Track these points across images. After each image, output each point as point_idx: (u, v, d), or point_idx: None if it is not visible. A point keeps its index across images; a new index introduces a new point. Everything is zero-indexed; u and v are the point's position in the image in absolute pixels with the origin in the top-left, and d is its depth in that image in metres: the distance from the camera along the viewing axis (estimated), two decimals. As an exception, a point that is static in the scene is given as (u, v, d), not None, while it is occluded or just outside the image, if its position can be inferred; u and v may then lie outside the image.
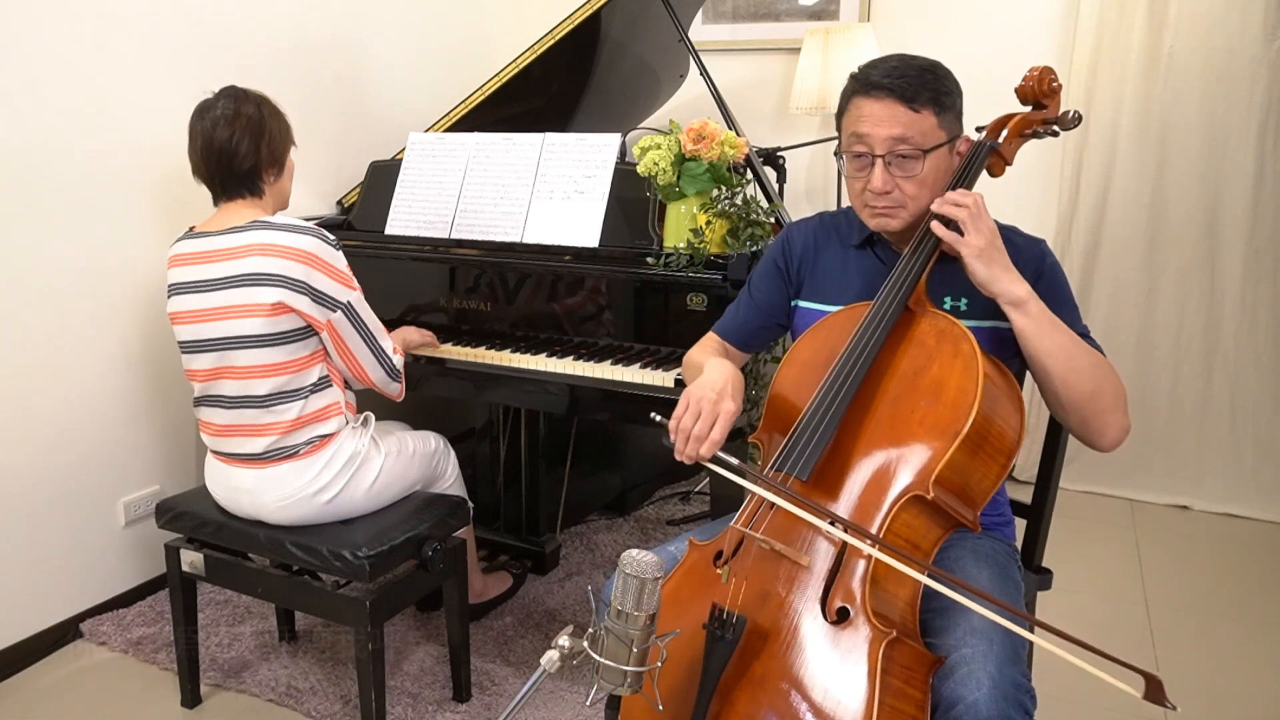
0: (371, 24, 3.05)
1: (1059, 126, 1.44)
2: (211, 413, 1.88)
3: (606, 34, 2.64)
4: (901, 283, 1.30)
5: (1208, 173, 3.00)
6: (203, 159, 1.86)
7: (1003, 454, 1.23)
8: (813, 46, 3.19)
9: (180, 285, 1.85)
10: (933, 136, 1.32)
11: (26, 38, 2.09)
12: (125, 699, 2.10)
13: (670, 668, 1.17)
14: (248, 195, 1.87)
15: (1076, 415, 1.29)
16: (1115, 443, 1.31)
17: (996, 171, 1.42)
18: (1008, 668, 1.13)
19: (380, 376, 1.91)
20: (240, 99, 1.86)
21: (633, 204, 2.17)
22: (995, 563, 1.35)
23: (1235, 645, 2.34)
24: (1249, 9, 2.87)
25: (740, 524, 1.25)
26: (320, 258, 1.79)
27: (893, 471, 1.20)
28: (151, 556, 2.46)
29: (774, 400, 1.37)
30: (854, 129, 1.35)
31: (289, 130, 1.95)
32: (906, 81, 1.31)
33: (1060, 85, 1.42)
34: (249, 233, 1.80)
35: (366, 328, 1.86)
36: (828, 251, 1.53)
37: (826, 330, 1.37)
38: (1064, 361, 1.25)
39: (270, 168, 1.89)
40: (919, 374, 1.24)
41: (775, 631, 1.15)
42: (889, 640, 1.09)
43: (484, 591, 2.38)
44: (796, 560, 1.18)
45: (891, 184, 1.33)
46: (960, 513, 1.21)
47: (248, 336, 1.78)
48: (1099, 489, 3.24)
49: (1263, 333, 3.04)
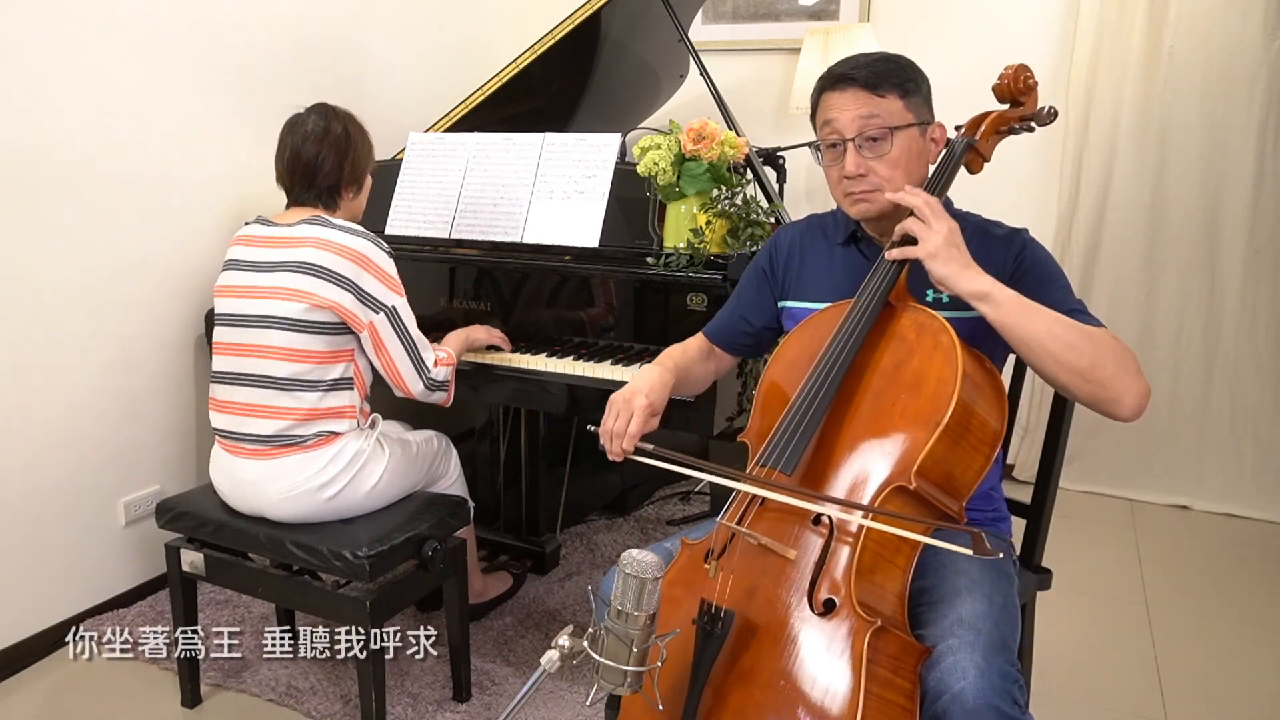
0: (371, 24, 3.05)
1: (1035, 122, 1.46)
2: (228, 390, 1.90)
3: (606, 34, 2.64)
4: (882, 279, 1.32)
5: (1208, 173, 3.00)
6: (287, 170, 1.93)
7: (985, 444, 1.24)
8: (813, 47, 3.19)
9: (235, 261, 1.92)
10: (899, 116, 1.37)
11: (26, 38, 2.08)
12: (125, 699, 2.10)
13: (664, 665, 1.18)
14: (323, 208, 1.93)
15: (1083, 390, 1.25)
16: (1136, 409, 1.24)
17: (975, 168, 1.44)
18: (994, 657, 1.13)
19: (419, 389, 1.92)
20: (330, 116, 1.93)
21: (633, 204, 2.17)
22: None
23: (1235, 645, 2.34)
24: (1249, 9, 2.87)
25: (728, 520, 1.27)
26: (371, 260, 1.84)
27: (875, 464, 1.22)
28: (151, 556, 2.46)
29: (761, 399, 1.40)
30: (824, 118, 1.40)
31: (372, 151, 2.01)
32: (870, 71, 1.37)
33: (1036, 82, 1.44)
34: (309, 226, 1.86)
35: (409, 335, 1.89)
36: (814, 251, 1.55)
37: (811, 328, 1.39)
38: (1049, 341, 1.23)
39: (350, 185, 1.96)
40: (900, 367, 1.26)
41: (764, 625, 1.16)
42: (874, 630, 1.10)
43: (484, 591, 2.38)
44: (783, 554, 1.20)
45: (864, 166, 1.37)
46: (944, 503, 1.22)
47: (283, 318, 1.82)
48: (1099, 489, 3.24)
49: (1263, 333, 3.03)
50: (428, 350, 1.93)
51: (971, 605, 1.20)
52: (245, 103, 2.59)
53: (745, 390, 1.98)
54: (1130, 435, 3.15)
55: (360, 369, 1.92)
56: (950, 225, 1.27)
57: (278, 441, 1.84)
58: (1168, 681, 2.16)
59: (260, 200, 2.06)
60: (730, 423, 1.95)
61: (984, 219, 1.46)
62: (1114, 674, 2.19)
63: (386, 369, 1.89)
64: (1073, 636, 2.31)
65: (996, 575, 1.31)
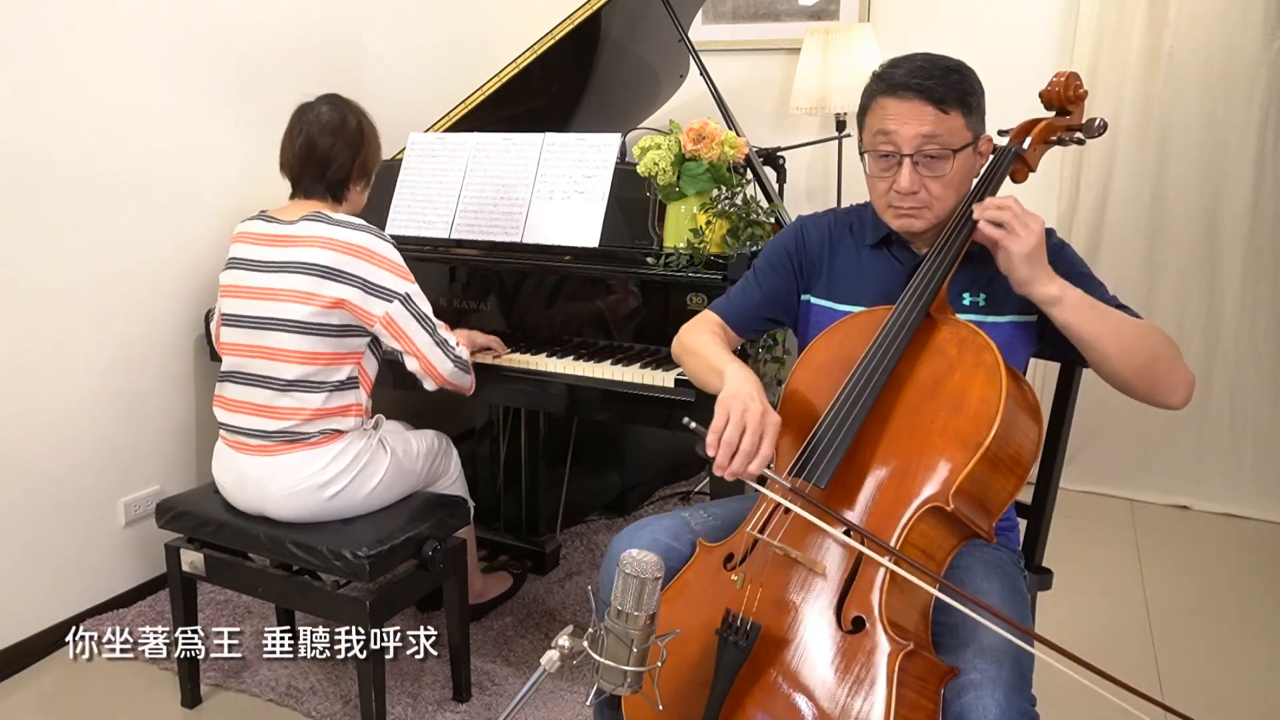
0: (371, 24, 3.05)
1: (1084, 134, 1.41)
2: (235, 389, 1.90)
3: (606, 34, 2.64)
4: (924, 289, 1.28)
5: (1208, 173, 3.00)
6: (299, 158, 1.90)
7: (1021, 466, 1.22)
8: (813, 47, 3.18)
9: (238, 260, 1.90)
10: (960, 136, 1.31)
11: (27, 38, 2.08)
12: (125, 699, 2.10)
13: (679, 670, 1.17)
14: (329, 200, 1.92)
15: (1143, 383, 1.28)
16: (1187, 398, 1.29)
17: (1020, 178, 1.40)
18: (1014, 696, 1.12)
19: (449, 369, 1.90)
20: (345, 108, 1.92)
21: (633, 204, 2.17)
22: (1004, 574, 1.33)
23: (1235, 645, 2.34)
24: (1249, 9, 2.86)
25: (754, 528, 1.23)
26: (374, 251, 1.82)
27: (912, 482, 1.18)
28: (151, 556, 2.46)
29: (788, 403, 1.34)
30: (880, 127, 1.33)
31: (380, 148, 2.01)
32: (934, 82, 1.29)
33: (1086, 92, 1.39)
34: (309, 223, 1.84)
35: (429, 320, 1.88)
36: (842, 250, 1.49)
37: (843, 334, 1.35)
38: (1116, 341, 1.24)
39: (359, 180, 1.95)
40: (940, 383, 1.23)
41: (788, 639, 1.14)
42: (906, 652, 1.08)
43: (484, 591, 2.38)
44: (811, 568, 1.17)
45: (919, 184, 1.32)
46: (977, 523, 1.19)
47: (292, 321, 1.81)
48: (1099, 489, 3.24)
49: (1263, 333, 3.03)
50: (448, 332, 1.92)
51: (993, 635, 1.16)
52: (245, 103, 2.59)
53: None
54: (1130, 435, 3.15)
55: (366, 370, 1.92)
56: (1041, 227, 1.25)
57: (282, 438, 1.85)
58: (1168, 681, 2.16)
59: (261, 200, 2.06)
60: (730, 423, 1.94)
61: None
62: (1114, 673, 2.19)
63: (413, 355, 1.87)
64: (1073, 636, 2.29)
65: (1015, 598, 1.30)
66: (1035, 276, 1.24)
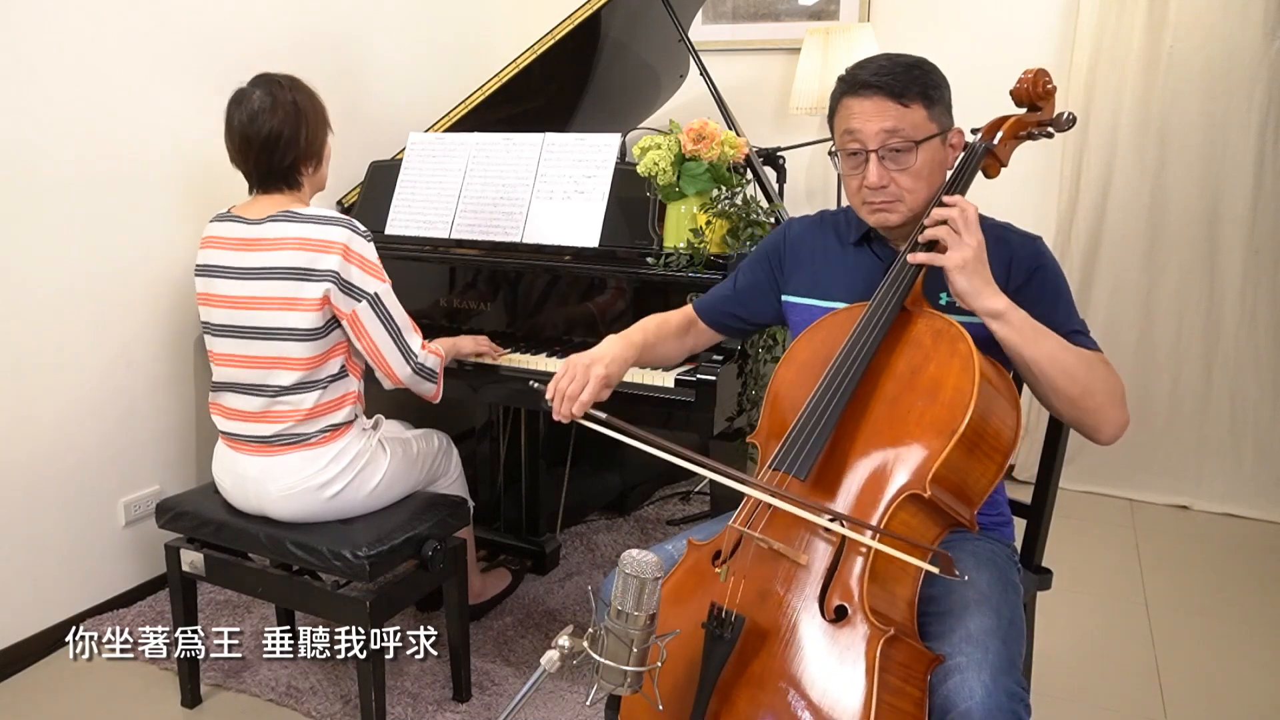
0: (371, 23, 3.04)
1: (1054, 128, 1.44)
2: (230, 397, 1.89)
3: (606, 34, 2.64)
4: (899, 282, 1.30)
5: (1208, 173, 3.00)
6: (239, 152, 1.86)
7: (999, 453, 1.23)
8: (813, 47, 3.19)
9: (212, 268, 1.86)
10: (923, 129, 1.34)
11: (27, 38, 2.08)
12: (125, 699, 2.10)
13: (669, 667, 1.17)
14: (285, 189, 1.87)
15: (1069, 414, 1.32)
16: (1112, 437, 1.33)
17: (992, 173, 1.43)
18: (1001, 677, 1.13)
19: (406, 373, 1.89)
20: (275, 87, 1.83)
21: (633, 204, 2.17)
22: (994, 565, 1.35)
23: (1235, 645, 2.34)
24: (1249, 9, 2.87)
25: (738, 523, 1.26)
26: (352, 249, 1.80)
27: (890, 470, 1.21)
28: (151, 556, 2.46)
29: (772, 400, 1.38)
30: (846, 126, 1.37)
31: (325, 117, 1.92)
32: (894, 78, 1.33)
33: (1055, 87, 1.42)
34: (282, 224, 1.81)
35: (394, 322, 1.85)
36: (825, 248, 1.53)
37: (824, 331, 1.38)
38: (1049, 366, 1.26)
39: (309, 161, 1.88)
40: (916, 374, 1.25)
41: (774, 630, 1.16)
42: (887, 638, 1.10)
43: (483, 591, 2.38)
44: (795, 559, 1.19)
45: (887, 178, 1.35)
46: (958, 511, 1.21)
47: (280, 329, 1.80)
48: (1099, 489, 3.24)
49: (1263, 333, 3.03)
50: (414, 335, 1.90)
51: (980, 620, 1.20)
52: (245, 103, 2.58)
53: (745, 391, 1.98)
54: (1130, 435, 3.10)
55: (354, 359, 1.91)
56: (980, 240, 1.26)
57: (280, 441, 1.85)
58: (1167, 681, 2.16)
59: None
60: (730, 423, 1.95)
61: (998, 222, 1.43)
62: (1114, 674, 2.19)
63: (369, 353, 1.86)
64: (1073, 636, 2.31)
65: (1004, 587, 1.31)
66: (974, 290, 1.25)
